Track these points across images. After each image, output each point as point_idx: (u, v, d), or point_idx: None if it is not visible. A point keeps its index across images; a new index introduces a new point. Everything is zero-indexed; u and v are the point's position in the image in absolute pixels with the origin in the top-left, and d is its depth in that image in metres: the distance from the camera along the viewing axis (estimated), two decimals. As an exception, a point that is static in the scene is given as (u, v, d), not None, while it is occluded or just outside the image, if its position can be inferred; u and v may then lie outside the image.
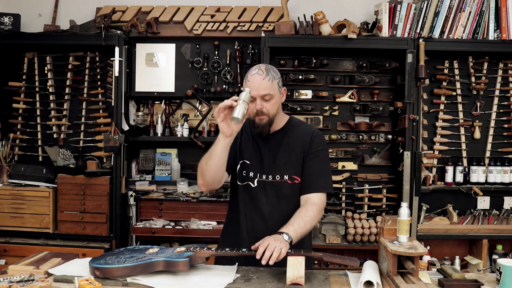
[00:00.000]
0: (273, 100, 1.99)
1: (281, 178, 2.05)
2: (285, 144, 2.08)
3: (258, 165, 2.07)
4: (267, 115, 1.99)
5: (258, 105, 1.97)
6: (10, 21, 3.29)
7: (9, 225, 3.24)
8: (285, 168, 2.05)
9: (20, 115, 3.52)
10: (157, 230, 3.21)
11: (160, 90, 3.52)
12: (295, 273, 1.66)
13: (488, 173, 3.34)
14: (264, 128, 2.01)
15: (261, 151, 2.08)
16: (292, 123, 2.14)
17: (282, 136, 2.09)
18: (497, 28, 3.21)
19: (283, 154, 2.07)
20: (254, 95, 1.96)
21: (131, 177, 3.54)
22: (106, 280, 1.67)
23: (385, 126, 3.44)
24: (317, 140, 2.08)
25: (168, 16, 3.46)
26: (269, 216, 2.03)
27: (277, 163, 2.06)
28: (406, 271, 1.68)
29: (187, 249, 1.78)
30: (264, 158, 2.07)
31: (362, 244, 3.16)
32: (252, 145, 2.09)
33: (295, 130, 2.12)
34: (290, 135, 2.10)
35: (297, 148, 2.07)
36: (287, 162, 2.06)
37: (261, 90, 1.96)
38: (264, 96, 1.97)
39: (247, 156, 2.09)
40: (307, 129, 2.14)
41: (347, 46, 3.18)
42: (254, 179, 2.06)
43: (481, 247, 3.16)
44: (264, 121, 1.99)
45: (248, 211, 2.06)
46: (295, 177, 2.05)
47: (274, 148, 2.08)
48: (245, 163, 2.08)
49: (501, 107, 3.43)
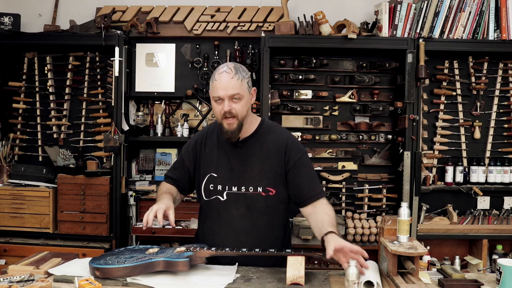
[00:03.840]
0: (243, 101, 1.86)
1: (254, 190, 1.91)
2: (257, 152, 1.93)
3: (227, 176, 1.93)
4: (236, 117, 1.85)
5: (226, 106, 1.83)
6: (10, 21, 3.29)
7: (9, 225, 3.23)
8: (259, 179, 1.91)
9: (20, 115, 3.52)
10: (157, 230, 3.21)
11: (160, 90, 3.52)
12: (295, 273, 1.66)
13: (488, 173, 3.34)
14: (234, 133, 1.87)
15: (230, 160, 1.93)
16: (264, 127, 1.98)
17: (254, 143, 1.94)
18: (497, 28, 3.22)
19: (255, 164, 1.92)
20: (221, 96, 1.83)
21: (131, 177, 3.54)
22: (106, 280, 1.67)
23: (385, 126, 3.44)
24: (294, 148, 1.95)
25: (168, 16, 3.46)
26: (241, 231, 1.93)
27: (249, 173, 1.91)
28: (406, 271, 1.68)
29: (187, 249, 1.78)
30: (234, 168, 1.92)
31: (362, 244, 3.16)
32: (218, 155, 1.95)
33: (268, 136, 1.96)
34: (263, 141, 1.95)
35: (272, 158, 1.92)
36: (261, 173, 1.91)
37: (229, 90, 1.83)
38: (233, 97, 1.83)
39: (213, 169, 1.95)
40: (281, 135, 1.98)
41: (347, 46, 3.18)
42: (223, 192, 1.93)
43: (481, 247, 3.16)
44: (233, 126, 1.85)
45: (217, 227, 1.96)
46: (270, 188, 1.91)
47: (245, 157, 1.93)
48: (212, 176, 1.94)
49: (501, 107, 3.43)
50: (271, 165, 1.93)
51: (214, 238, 1.95)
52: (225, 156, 1.95)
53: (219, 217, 1.96)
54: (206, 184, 1.96)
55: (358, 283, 1.57)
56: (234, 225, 1.94)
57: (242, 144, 1.94)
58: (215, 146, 1.98)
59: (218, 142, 1.98)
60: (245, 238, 1.90)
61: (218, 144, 1.97)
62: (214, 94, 1.87)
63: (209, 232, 1.99)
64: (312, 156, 3.43)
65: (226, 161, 1.94)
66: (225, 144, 1.96)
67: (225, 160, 1.94)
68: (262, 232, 1.94)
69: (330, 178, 3.38)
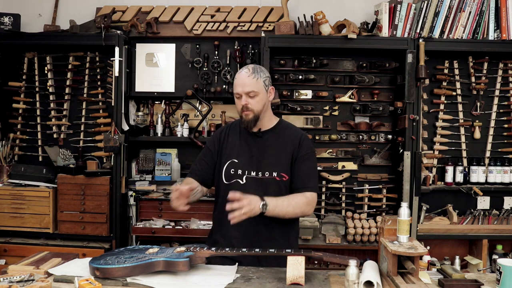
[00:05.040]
0: (258, 97, 2.11)
1: (270, 175, 2.13)
2: (275, 143, 2.17)
3: (247, 162, 2.15)
4: (252, 111, 2.10)
5: (243, 100, 2.10)
6: (10, 21, 3.29)
7: (9, 225, 3.24)
8: (275, 166, 2.13)
9: (20, 115, 3.52)
10: (157, 230, 3.21)
11: (160, 90, 3.52)
12: (295, 273, 1.67)
13: (488, 173, 3.34)
14: (250, 123, 2.12)
15: (250, 148, 2.17)
16: (282, 125, 2.24)
17: (272, 136, 2.19)
18: (497, 28, 3.21)
19: (273, 153, 2.15)
20: (239, 92, 2.10)
21: (131, 177, 3.54)
22: (106, 280, 1.67)
23: (385, 126, 3.44)
24: (306, 144, 2.18)
25: (168, 16, 3.46)
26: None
27: (266, 160, 2.14)
28: (406, 271, 1.68)
29: (187, 249, 1.79)
30: (254, 155, 2.15)
31: (362, 244, 3.16)
32: (240, 144, 2.19)
33: (285, 131, 2.21)
34: (281, 135, 2.19)
35: (287, 149, 2.15)
36: (277, 160, 2.14)
37: (246, 87, 2.09)
38: (249, 93, 2.09)
39: (235, 155, 2.17)
40: (297, 132, 2.23)
41: (347, 46, 3.18)
42: (242, 176, 2.14)
43: (481, 247, 3.16)
44: (249, 117, 2.11)
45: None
46: (283, 174, 2.13)
47: (264, 147, 2.16)
48: (233, 162, 2.16)
49: (501, 107, 3.43)
50: (286, 155, 2.15)
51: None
52: (246, 145, 2.18)
53: None
54: (227, 168, 2.16)
55: (358, 283, 1.57)
56: None
57: (262, 135, 2.18)
58: (237, 136, 2.21)
59: (241, 133, 2.22)
60: (260, 219, 1.99)
61: (240, 134, 2.21)
62: (234, 90, 2.14)
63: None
64: (312, 156, 3.42)
65: (246, 149, 2.17)
66: (247, 135, 2.19)
67: (246, 148, 2.17)
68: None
69: (330, 178, 3.38)
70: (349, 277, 1.57)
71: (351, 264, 1.57)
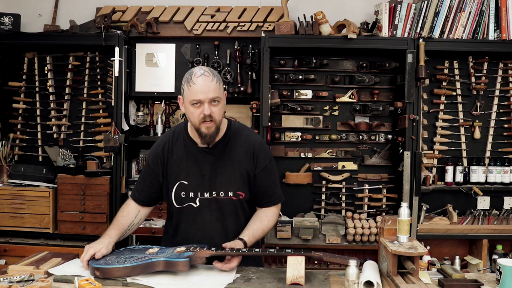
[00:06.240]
0: (221, 104, 1.87)
1: (225, 194, 1.95)
2: (226, 157, 1.95)
3: (198, 183, 1.94)
4: (215, 121, 1.85)
5: (206, 109, 1.82)
6: (10, 21, 3.29)
7: (9, 225, 3.23)
8: (229, 184, 1.94)
9: (20, 115, 3.51)
10: (157, 230, 3.21)
11: (160, 90, 3.51)
12: (295, 273, 1.67)
13: (488, 173, 3.34)
14: (212, 136, 1.87)
15: (200, 167, 1.94)
16: (231, 131, 1.99)
17: (223, 149, 1.96)
18: (497, 28, 3.21)
19: (226, 170, 1.95)
20: (202, 99, 1.81)
21: (131, 177, 3.54)
22: (106, 280, 1.67)
23: (385, 126, 3.44)
24: (262, 155, 1.98)
25: (168, 16, 3.46)
26: (215, 234, 1.95)
27: (220, 179, 1.94)
28: (406, 271, 1.68)
29: (187, 249, 1.79)
30: (205, 174, 1.94)
31: (362, 244, 3.16)
32: (187, 162, 1.95)
33: (236, 140, 1.98)
34: (232, 146, 1.97)
35: (242, 164, 1.95)
36: (231, 178, 1.95)
37: (210, 93, 1.82)
38: (213, 99, 1.83)
39: (184, 176, 1.95)
40: (249, 140, 1.99)
41: (347, 46, 3.18)
42: (195, 198, 1.95)
43: (481, 247, 3.16)
44: (212, 129, 1.85)
45: (192, 232, 1.97)
46: (240, 193, 1.96)
47: (215, 162, 1.94)
48: (182, 184, 1.95)
49: (501, 107, 3.43)
50: (240, 170, 1.96)
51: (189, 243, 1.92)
52: (195, 163, 1.95)
53: (194, 223, 1.97)
54: (177, 191, 1.96)
55: (358, 283, 1.57)
56: (208, 229, 1.97)
57: (211, 150, 1.95)
58: (183, 153, 1.97)
59: (186, 149, 1.97)
60: (219, 241, 1.89)
61: (186, 150, 1.97)
62: (193, 97, 1.84)
63: (183, 238, 1.99)
64: (312, 156, 3.43)
65: (196, 168, 1.95)
66: (194, 151, 1.96)
67: (194, 167, 1.95)
68: (233, 233, 1.97)
69: (330, 178, 3.38)
70: (349, 277, 1.57)
71: (351, 264, 1.57)
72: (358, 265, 1.59)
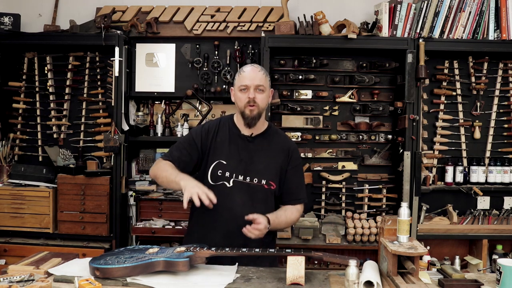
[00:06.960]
0: (265, 93, 2.08)
1: (259, 181, 2.10)
2: (265, 149, 2.14)
3: (235, 165, 2.09)
4: (258, 106, 2.06)
5: (251, 93, 2.04)
6: (10, 21, 3.29)
7: (9, 225, 3.23)
8: (263, 173, 2.10)
9: (20, 115, 3.51)
10: (157, 230, 3.21)
11: (160, 90, 3.52)
12: (295, 273, 1.67)
13: (488, 173, 3.34)
14: (253, 120, 2.07)
15: (240, 152, 2.11)
16: (272, 130, 2.21)
17: (263, 141, 2.15)
18: (497, 28, 3.21)
19: (262, 159, 2.12)
20: (248, 85, 2.05)
21: (131, 177, 3.54)
22: (106, 280, 1.68)
23: (385, 126, 3.44)
24: (296, 154, 2.19)
25: (168, 16, 3.46)
26: (241, 217, 1.98)
27: (255, 166, 2.10)
28: (406, 271, 1.68)
29: (187, 249, 1.79)
30: (243, 159, 2.10)
31: (362, 244, 3.16)
32: (229, 146, 2.12)
33: (275, 137, 2.19)
34: (271, 141, 2.17)
35: (277, 157, 2.14)
36: (266, 167, 2.12)
37: (255, 80, 2.05)
38: (258, 87, 2.05)
39: (224, 157, 2.11)
40: (286, 140, 2.23)
41: (347, 46, 3.18)
42: (230, 179, 2.09)
43: (481, 247, 3.16)
44: (254, 112, 2.06)
45: (220, 210, 2.02)
46: (272, 182, 2.12)
47: (253, 151, 2.12)
48: (221, 163, 2.10)
49: (501, 107, 3.43)
50: (276, 162, 2.13)
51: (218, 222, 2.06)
52: (235, 148, 2.12)
53: (223, 202, 2.03)
54: (214, 169, 2.09)
55: (358, 283, 1.57)
56: (236, 211, 2.05)
57: (253, 139, 2.13)
58: (227, 138, 2.14)
59: (230, 135, 2.14)
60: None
61: (230, 136, 2.14)
62: (240, 83, 2.08)
63: (210, 216, 2.06)
64: (312, 156, 3.43)
65: (236, 152, 2.11)
66: (237, 138, 2.14)
67: (235, 151, 2.11)
68: None
69: (330, 178, 3.38)
70: (349, 277, 1.57)
71: (351, 264, 1.58)
72: (358, 265, 1.60)
